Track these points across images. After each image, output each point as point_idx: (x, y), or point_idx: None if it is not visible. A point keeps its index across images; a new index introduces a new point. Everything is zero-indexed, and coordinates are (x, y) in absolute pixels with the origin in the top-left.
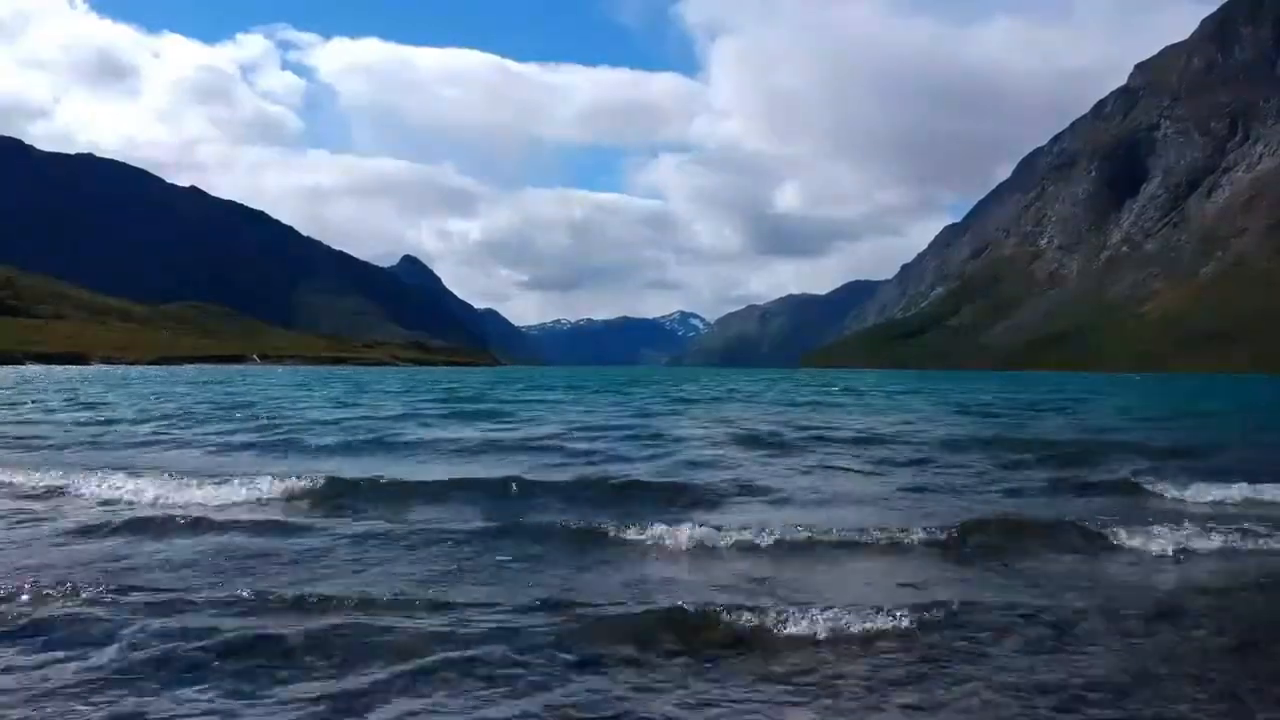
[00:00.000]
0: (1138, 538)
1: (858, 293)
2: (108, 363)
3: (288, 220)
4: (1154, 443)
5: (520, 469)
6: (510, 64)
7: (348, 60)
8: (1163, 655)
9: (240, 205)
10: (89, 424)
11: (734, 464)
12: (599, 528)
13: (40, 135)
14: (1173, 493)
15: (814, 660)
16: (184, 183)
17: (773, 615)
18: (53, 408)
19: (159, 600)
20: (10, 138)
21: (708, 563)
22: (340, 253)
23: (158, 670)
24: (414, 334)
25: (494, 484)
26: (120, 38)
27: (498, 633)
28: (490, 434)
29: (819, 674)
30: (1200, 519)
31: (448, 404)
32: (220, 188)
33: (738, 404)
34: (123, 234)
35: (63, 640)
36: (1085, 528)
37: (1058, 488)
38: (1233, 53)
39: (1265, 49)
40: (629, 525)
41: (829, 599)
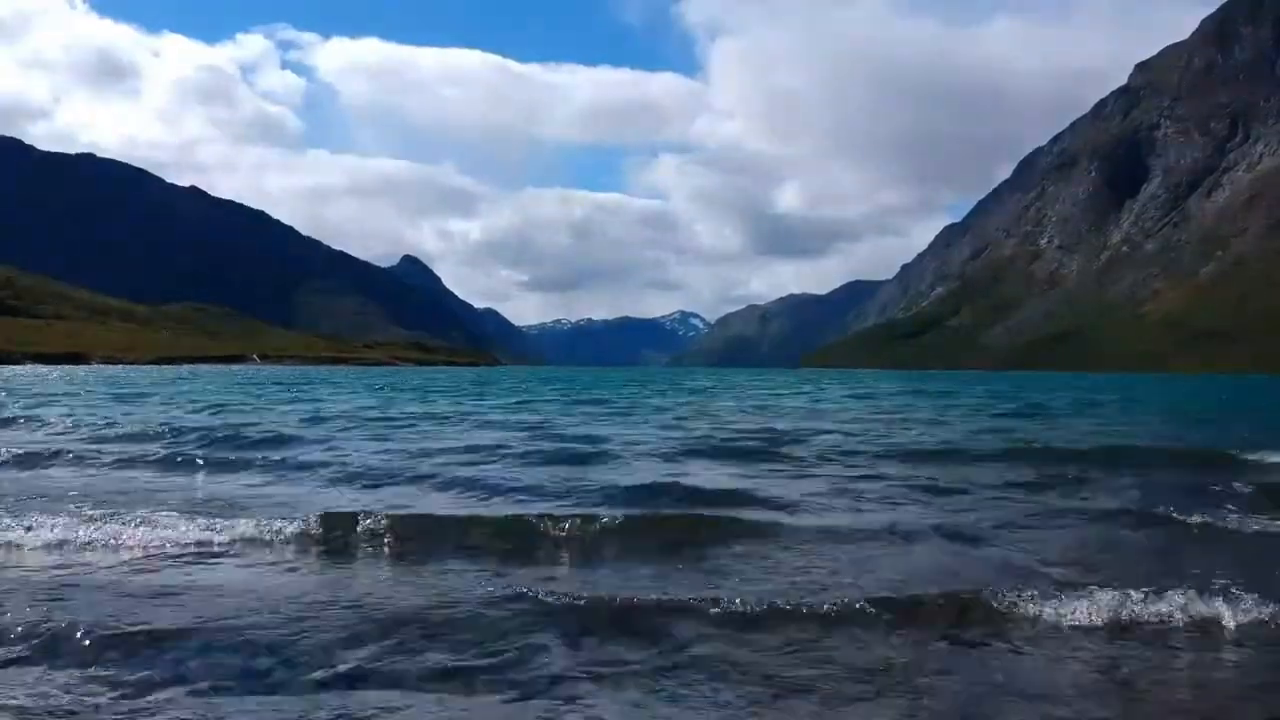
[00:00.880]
0: None
1: (858, 293)
2: (108, 363)
3: (288, 220)
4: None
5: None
6: (511, 64)
7: (348, 60)
8: None
9: (240, 205)
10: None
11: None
12: None
13: (40, 135)
14: None
15: None
16: (184, 183)
17: None
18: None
19: None
20: (10, 138)
21: None
22: (340, 253)
23: None
24: (414, 334)
25: None
26: (120, 38)
27: None
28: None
29: None
30: None
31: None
32: (220, 188)
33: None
34: (123, 234)
35: None
36: None
37: None
38: (1233, 53)
39: (1265, 49)
40: None
41: None
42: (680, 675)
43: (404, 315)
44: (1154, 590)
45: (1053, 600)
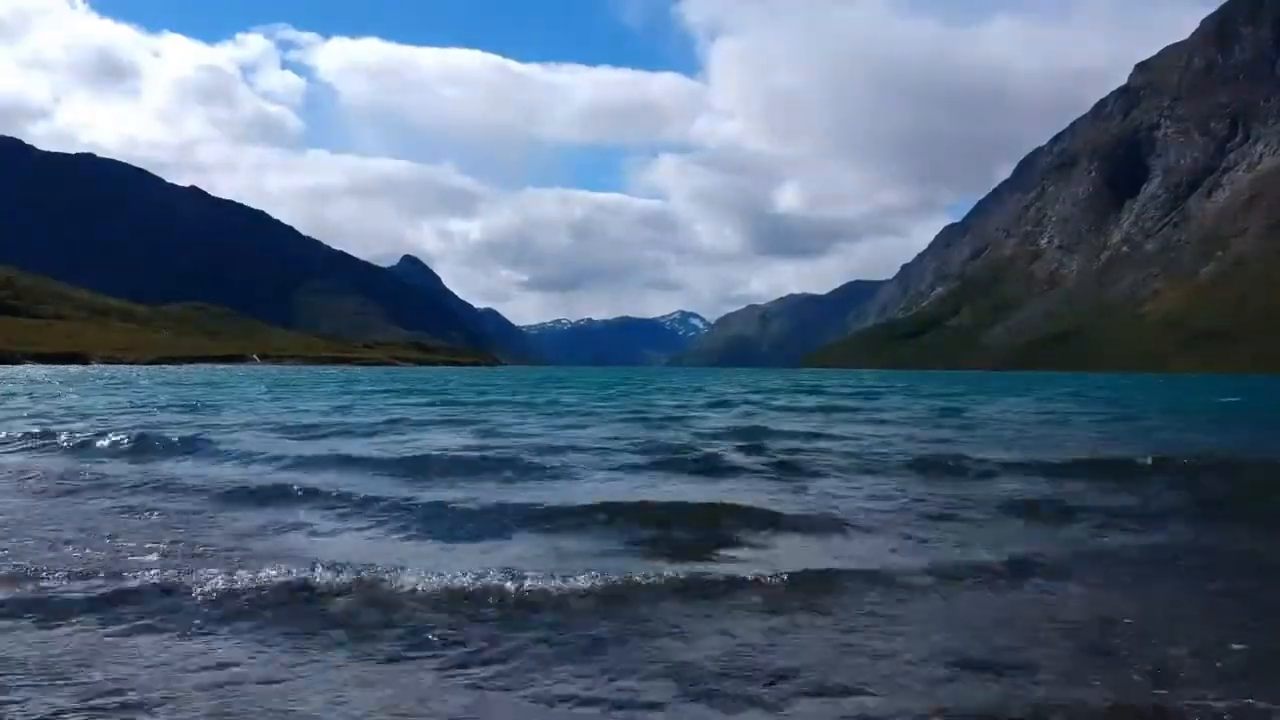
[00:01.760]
0: None
1: (858, 293)
2: (108, 363)
3: (288, 220)
4: None
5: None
6: (511, 64)
7: (348, 60)
8: None
9: (240, 205)
10: None
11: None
12: None
13: (41, 135)
14: None
15: None
16: (184, 183)
17: None
18: None
19: None
20: (10, 138)
21: None
22: (340, 253)
23: None
24: (414, 334)
25: None
26: (120, 38)
27: None
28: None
29: None
30: None
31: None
32: (220, 188)
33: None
34: (123, 234)
35: None
36: None
37: None
38: (1233, 53)
39: (1265, 49)
40: None
41: None
42: None
43: (404, 315)
44: None
45: None
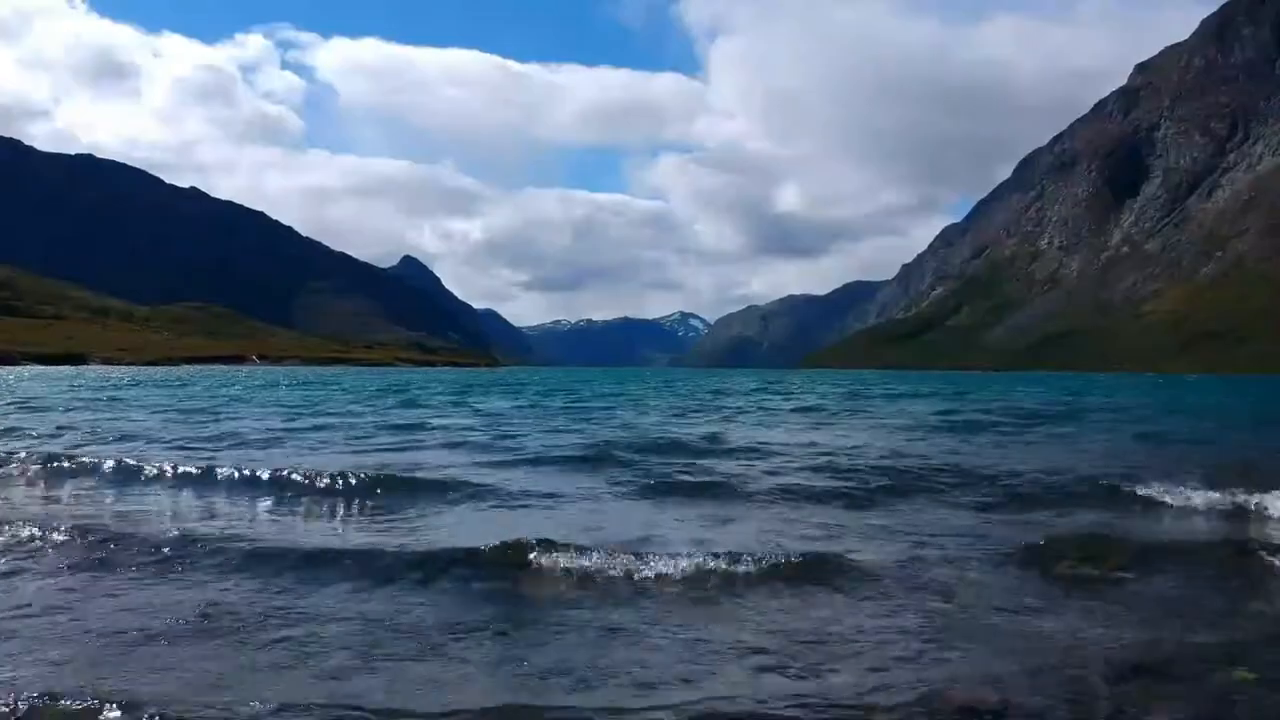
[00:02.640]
0: None
1: (858, 293)
2: (107, 363)
3: (288, 220)
4: None
5: None
6: (511, 64)
7: (348, 60)
8: None
9: (240, 205)
10: None
11: None
12: None
13: (40, 135)
14: None
15: None
16: (184, 183)
17: None
18: None
19: None
20: (10, 138)
21: None
22: (341, 253)
23: None
24: (414, 334)
25: None
26: (120, 38)
27: None
28: None
29: None
30: None
31: None
32: (220, 188)
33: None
34: (123, 234)
35: None
36: None
37: None
38: (1233, 53)
39: (1265, 49)
40: None
41: None
42: None
43: (404, 316)
44: None
45: None
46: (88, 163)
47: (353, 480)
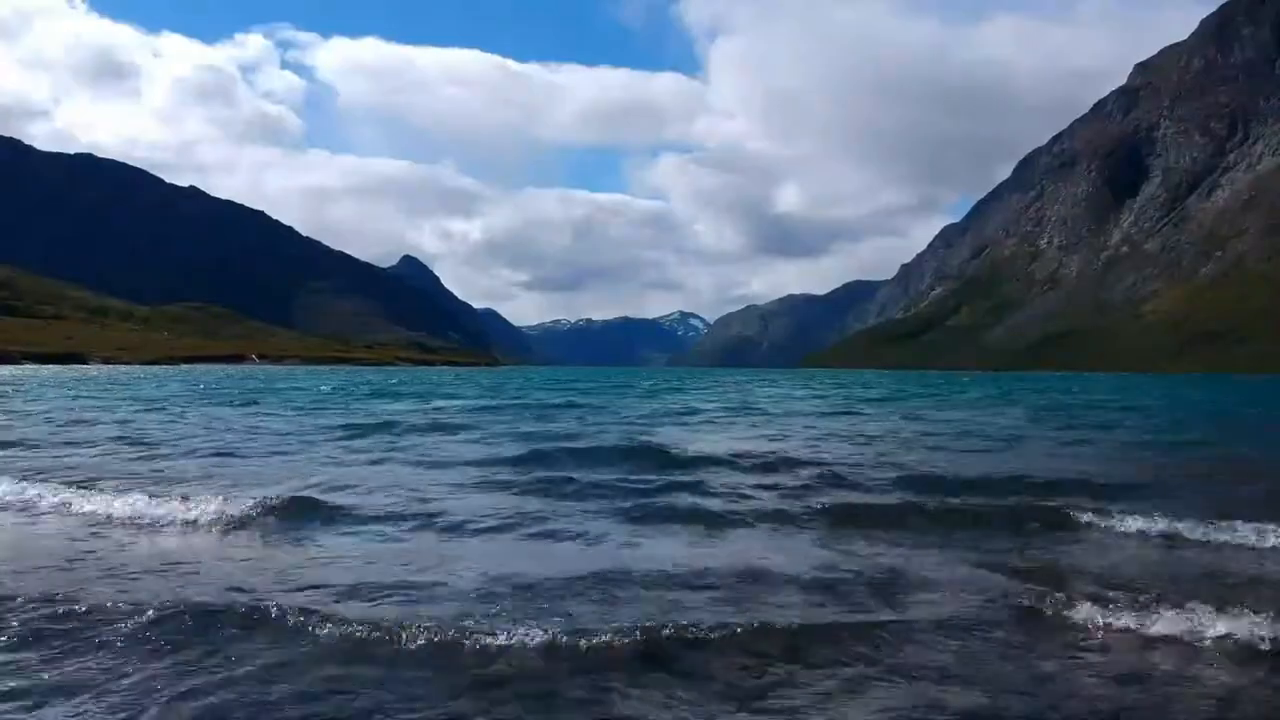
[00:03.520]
0: None
1: (858, 293)
2: (107, 363)
3: (288, 220)
4: None
5: None
6: (511, 64)
7: (348, 60)
8: None
9: (240, 205)
10: None
11: None
12: None
13: (40, 135)
14: None
15: None
16: (184, 182)
17: None
18: None
19: None
20: (10, 138)
21: None
22: (340, 253)
23: None
24: (414, 334)
25: None
26: (120, 37)
27: None
28: None
29: None
30: None
31: None
32: (220, 188)
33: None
34: (123, 234)
35: None
36: None
37: None
38: (1232, 53)
39: (1265, 49)
40: None
41: None
42: None
43: (404, 316)
44: None
45: None
46: (87, 162)
47: None
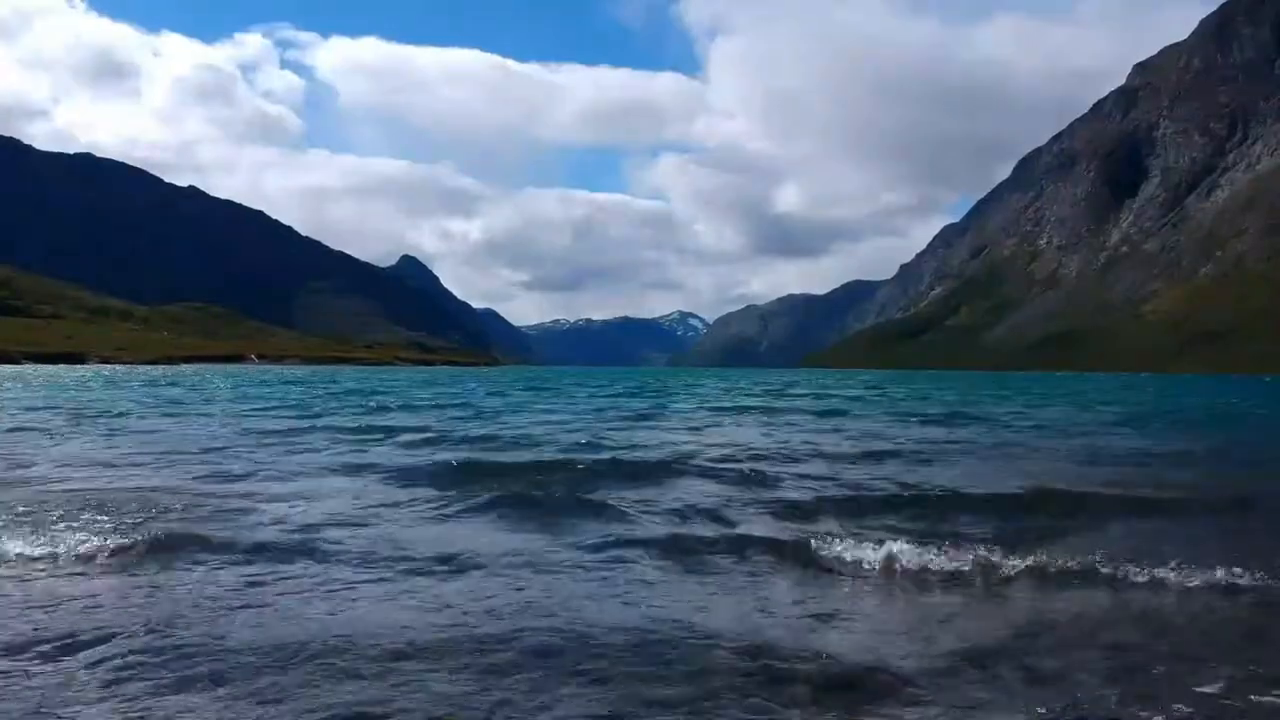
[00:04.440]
0: None
1: (857, 293)
2: (106, 363)
3: (287, 220)
4: None
5: None
6: (510, 64)
7: (347, 59)
8: None
9: (240, 205)
10: None
11: None
12: None
13: (39, 135)
14: None
15: None
16: (183, 182)
17: None
18: None
19: None
20: (9, 137)
21: None
22: (340, 253)
23: None
24: (414, 334)
25: None
26: (119, 37)
27: None
28: None
29: None
30: None
31: None
32: (220, 188)
33: None
34: (122, 234)
35: None
36: None
37: None
38: (1232, 53)
39: (1265, 49)
40: None
41: None
42: None
43: (404, 315)
44: None
45: None
46: (87, 162)
47: None
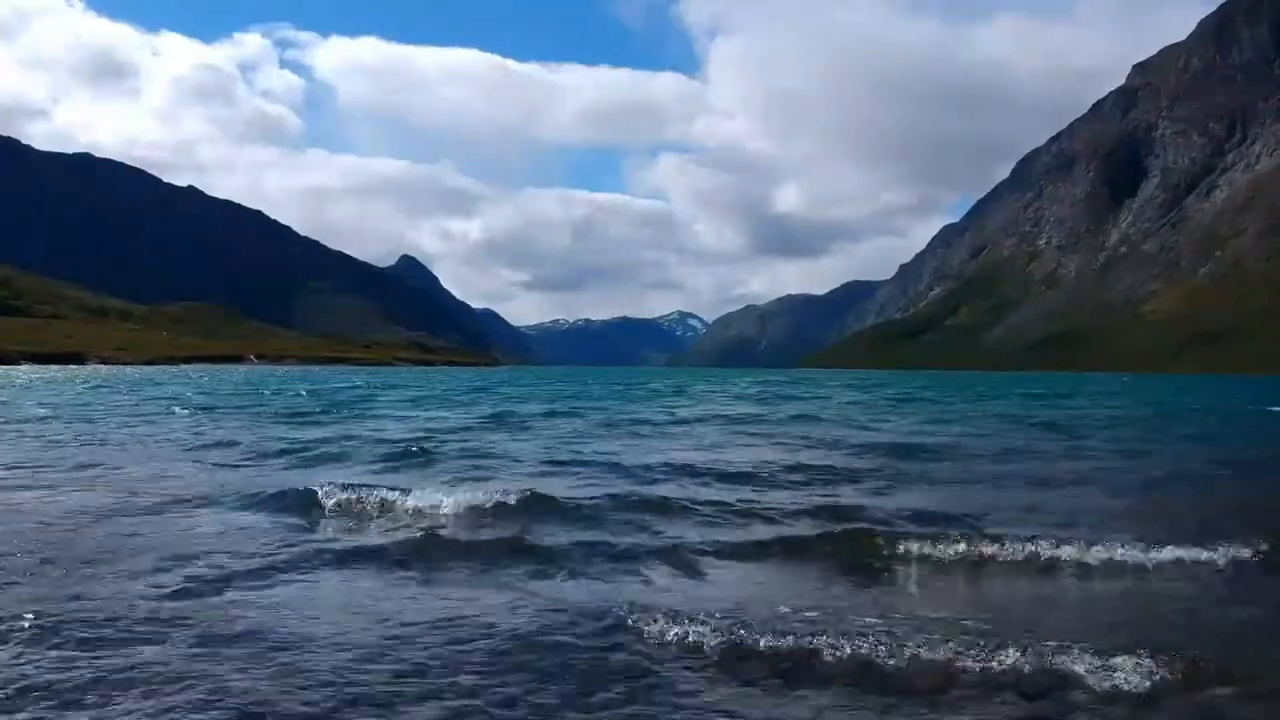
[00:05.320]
0: None
1: (856, 293)
2: (105, 363)
3: (287, 220)
4: None
5: None
6: (510, 64)
7: (347, 59)
8: None
9: (239, 205)
10: None
11: None
12: None
13: (38, 135)
14: None
15: None
16: (183, 182)
17: None
18: None
19: None
20: (8, 137)
21: None
22: (340, 253)
23: None
24: (413, 334)
25: None
26: (118, 37)
27: None
28: None
29: None
30: None
31: None
32: (219, 187)
33: None
34: (121, 234)
35: None
36: None
37: None
38: (1231, 53)
39: (1264, 49)
40: None
41: None
42: None
43: (403, 315)
44: None
45: None
46: (86, 162)
47: None
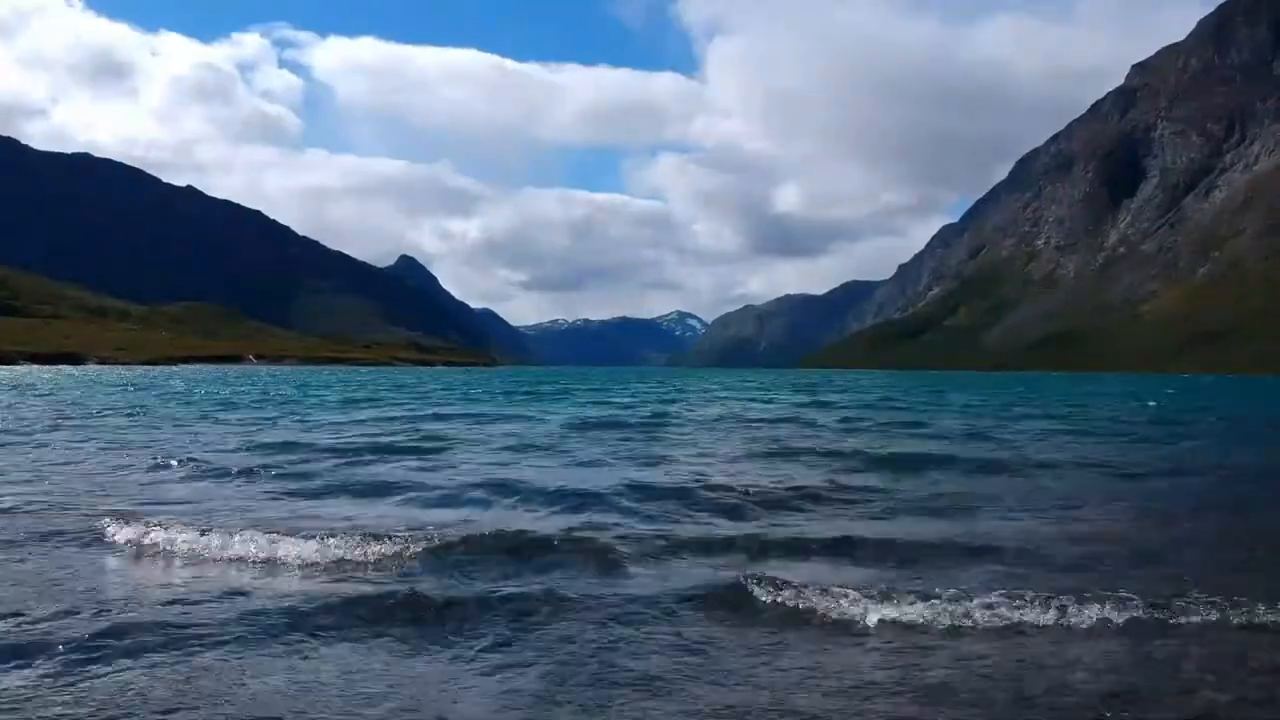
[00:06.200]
0: None
1: (855, 293)
2: (104, 363)
3: (286, 220)
4: None
5: None
6: (510, 64)
7: (346, 59)
8: None
9: (238, 205)
10: None
11: None
12: None
13: (37, 134)
14: None
15: None
16: (181, 182)
17: None
18: None
19: None
20: (7, 137)
21: None
22: (339, 253)
23: None
24: (412, 334)
25: None
26: (117, 36)
27: None
28: None
29: None
30: None
31: None
32: (218, 187)
33: None
34: (120, 234)
35: None
36: None
37: None
38: (1230, 54)
39: (1263, 50)
40: None
41: None
42: None
43: (402, 315)
44: None
45: None
46: (85, 162)
47: None
